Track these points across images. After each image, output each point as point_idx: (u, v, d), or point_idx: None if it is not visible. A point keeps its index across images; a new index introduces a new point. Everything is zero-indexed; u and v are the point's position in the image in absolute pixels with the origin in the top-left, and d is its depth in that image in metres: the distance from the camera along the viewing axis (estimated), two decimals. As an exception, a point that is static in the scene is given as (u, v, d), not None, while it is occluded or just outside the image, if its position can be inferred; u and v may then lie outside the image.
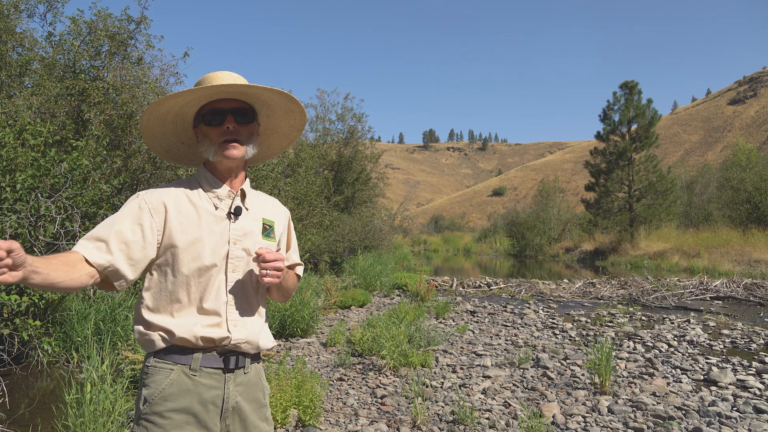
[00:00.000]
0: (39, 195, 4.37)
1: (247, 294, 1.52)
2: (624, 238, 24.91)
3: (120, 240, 1.38)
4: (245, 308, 1.50)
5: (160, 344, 1.41)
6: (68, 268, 1.26)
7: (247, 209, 1.55)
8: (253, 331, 1.50)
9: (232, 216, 1.50)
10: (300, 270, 1.73)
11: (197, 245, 1.44)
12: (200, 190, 1.51)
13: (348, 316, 8.42)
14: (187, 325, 1.40)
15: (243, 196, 1.55)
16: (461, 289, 12.51)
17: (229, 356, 1.45)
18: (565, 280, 14.09)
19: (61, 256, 1.29)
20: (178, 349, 1.41)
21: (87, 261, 1.33)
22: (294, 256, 1.72)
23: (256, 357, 1.56)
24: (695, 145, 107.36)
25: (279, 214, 1.66)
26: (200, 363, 1.41)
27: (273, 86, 1.48)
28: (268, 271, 1.42)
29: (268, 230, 1.58)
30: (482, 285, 12.81)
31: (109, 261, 1.35)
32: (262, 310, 1.57)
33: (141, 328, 1.44)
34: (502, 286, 12.61)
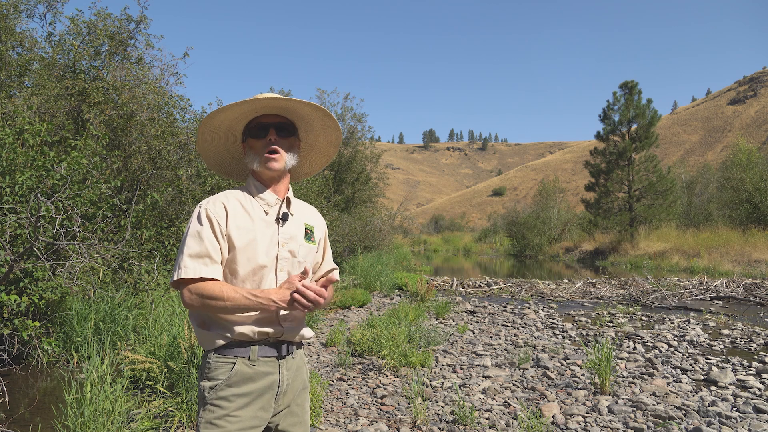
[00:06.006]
0: (39, 195, 4.36)
1: None
2: (624, 238, 24.91)
3: (214, 249, 1.56)
4: None
5: (220, 342, 1.56)
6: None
7: (292, 215, 1.71)
8: (300, 322, 1.69)
9: (280, 221, 1.66)
10: (336, 274, 1.86)
11: (252, 247, 1.59)
12: (251, 197, 1.67)
13: (348, 316, 8.42)
14: (244, 321, 1.56)
15: (288, 203, 1.71)
16: (461, 289, 12.51)
17: (281, 345, 1.63)
18: (565, 280, 14.09)
19: (224, 285, 1.52)
20: (236, 343, 1.57)
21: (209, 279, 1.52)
22: (330, 262, 1.89)
23: (300, 344, 1.75)
24: (695, 145, 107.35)
25: (318, 221, 1.83)
26: (257, 354, 1.58)
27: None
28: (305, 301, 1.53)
29: (309, 234, 1.75)
30: (482, 285, 12.81)
31: (219, 271, 1.56)
32: None
33: (199, 326, 1.59)
34: (502, 286, 12.61)
